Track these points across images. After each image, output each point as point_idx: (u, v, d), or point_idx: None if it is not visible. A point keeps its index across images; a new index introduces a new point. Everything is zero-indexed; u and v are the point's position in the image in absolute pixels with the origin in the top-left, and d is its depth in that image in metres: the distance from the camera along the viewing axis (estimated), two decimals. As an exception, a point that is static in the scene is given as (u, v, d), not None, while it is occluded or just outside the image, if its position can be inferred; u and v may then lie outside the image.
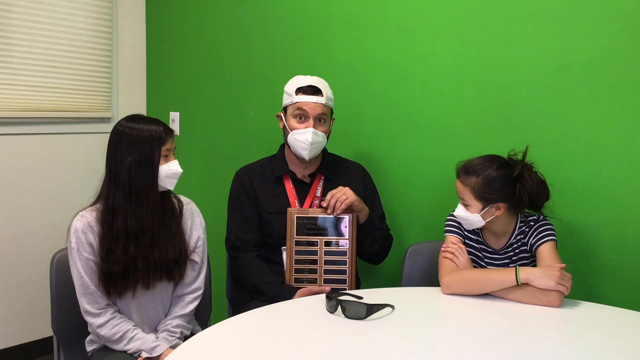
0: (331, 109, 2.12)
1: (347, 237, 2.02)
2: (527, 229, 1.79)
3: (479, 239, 1.86)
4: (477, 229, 1.86)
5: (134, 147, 1.74)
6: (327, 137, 2.11)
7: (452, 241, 1.83)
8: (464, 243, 1.85)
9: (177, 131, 3.24)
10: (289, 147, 2.11)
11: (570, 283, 1.63)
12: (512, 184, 1.72)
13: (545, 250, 1.73)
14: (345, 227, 2.02)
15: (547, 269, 1.64)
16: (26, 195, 3.00)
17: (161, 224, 1.79)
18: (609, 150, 1.87)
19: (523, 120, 2.04)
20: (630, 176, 1.84)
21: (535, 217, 1.79)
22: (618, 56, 1.84)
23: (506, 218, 1.79)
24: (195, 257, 1.88)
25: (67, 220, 1.77)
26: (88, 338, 1.85)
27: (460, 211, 1.78)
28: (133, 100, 3.37)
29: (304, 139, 2.03)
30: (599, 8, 1.86)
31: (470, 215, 1.76)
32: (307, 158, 2.06)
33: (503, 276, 1.67)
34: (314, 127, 2.03)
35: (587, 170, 1.92)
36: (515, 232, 1.81)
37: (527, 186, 1.72)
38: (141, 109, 3.41)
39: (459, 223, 1.86)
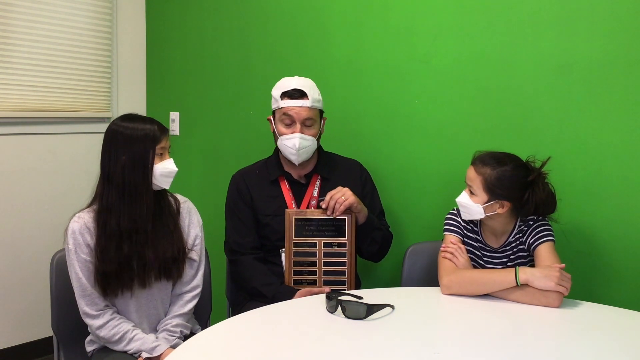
0: (320, 110, 2.10)
1: (346, 238, 2.02)
2: (525, 228, 1.79)
3: (478, 237, 1.86)
4: (477, 227, 1.86)
5: (128, 146, 1.73)
6: (319, 138, 2.11)
7: (452, 241, 1.82)
8: (463, 242, 1.85)
9: (177, 131, 3.24)
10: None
11: (569, 283, 1.63)
12: (523, 187, 1.72)
13: (544, 251, 1.72)
14: (344, 228, 2.02)
15: (547, 270, 1.64)
16: (26, 195, 3.00)
17: (158, 222, 1.79)
18: (609, 150, 1.88)
19: (523, 120, 2.04)
20: (630, 176, 1.84)
21: (534, 217, 1.79)
22: (618, 56, 1.84)
23: (506, 218, 1.79)
24: (194, 255, 1.88)
25: (67, 221, 1.77)
26: (88, 338, 1.85)
27: (463, 198, 1.78)
28: (133, 100, 3.37)
29: (292, 145, 2.02)
30: (599, 8, 1.86)
31: (472, 204, 1.75)
32: (296, 163, 2.07)
33: (503, 277, 1.67)
34: (301, 131, 2.02)
35: (587, 170, 1.92)
36: (515, 232, 1.81)
37: (537, 194, 1.71)
38: (141, 109, 3.41)
39: (459, 222, 1.86)
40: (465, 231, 1.86)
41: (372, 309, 1.54)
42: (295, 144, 2.02)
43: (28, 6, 2.89)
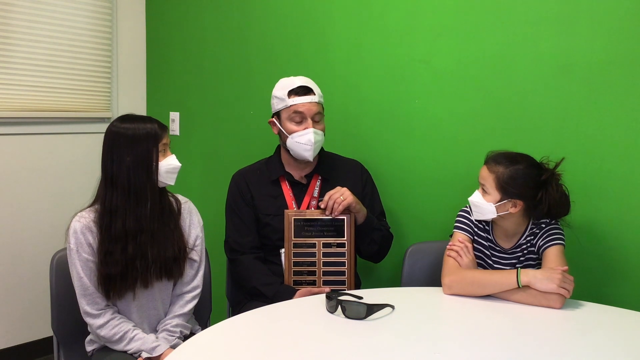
0: (323, 106, 2.12)
1: (345, 238, 2.02)
2: (537, 231, 1.78)
3: (489, 236, 1.85)
4: (488, 226, 1.85)
5: (131, 147, 1.73)
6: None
7: (460, 239, 1.82)
8: (473, 240, 1.84)
9: (177, 131, 3.24)
10: (286, 150, 2.11)
11: (572, 286, 1.63)
12: (536, 186, 1.71)
13: (552, 254, 1.72)
14: (344, 228, 2.02)
15: (549, 272, 1.63)
16: (26, 195, 3.00)
17: (160, 222, 1.79)
18: (609, 150, 1.87)
19: (523, 120, 2.04)
20: (630, 176, 1.84)
21: (547, 220, 1.78)
22: (618, 56, 1.84)
23: (519, 218, 1.78)
24: (194, 255, 1.89)
25: (67, 220, 1.77)
26: (88, 338, 1.85)
27: (476, 197, 1.77)
28: (133, 100, 3.37)
29: (307, 140, 2.02)
30: (599, 8, 1.86)
31: (485, 203, 1.75)
32: (310, 159, 2.06)
33: (504, 278, 1.67)
34: (313, 126, 2.03)
35: (588, 169, 1.92)
36: (526, 234, 1.80)
37: (550, 194, 1.70)
38: (141, 109, 3.41)
39: (470, 220, 1.85)
40: (476, 229, 1.85)
41: (372, 309, 1.54)
42: (310, 139, 2.01)
43: (28, 6, 2.89)
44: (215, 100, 3.06)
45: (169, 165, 1.78)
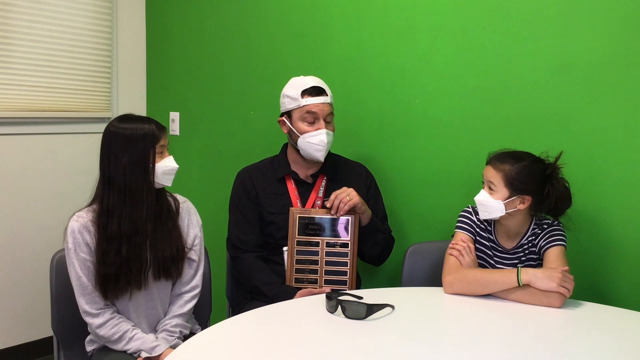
0: (333, 107, 2.12)
1: (348, 238, 2.02)
2: (539, 231, 1.79)
3: (491, 237, 1.85)
4: (490, 227, 1.85)
5: (128, 148, 1.73)
6: None
7: (462, 239, 1.82)
8: (475, 240, 1.84)
9: (177, 131, 3.24)
10: (295, 149, 2.10)
11: (572, 285, 1.63)
12: (543, 180, 1.73)
13: (553, 254, 1.72)
14: (347, 228, 2.02)
15: (549, 271, 1.64)
16: (26, 195, 3.00)
17: (157, 222, 1.79)
18: (609, 150, 1.87)
19: (523, 120, 2.04)
20: (631, 175, 1.84)
21: (549, 222, 1.79)
22: (618, 56, 1.84)
23: (524, 217, 1.78)
24: (193, 255, 1.88)
25: (67, 221, 1.77)
26: (88, 338, 1.85)
27: (483, 196, 1.77)
28: (133, 100, 3.37)
29: (319, 141, 2.02)
30: (599, 8, 1.86)
31: (493, 201, 1.74)
32: (322, 159, 2.06)
33: (505, 277, 1.67)
34: (325, 127, 2.03)
35: (587, 170, 1.91)
36: (528, 234, 1.80)
37: (556, 188, 1.72)
38: (141, 109, 3.41)
39: (473, 220, 1.86)
40: (478, 229, 1.85)
41: (372, 309, 1.54)
42: (323, 140, 2.02)
43: (28, 6, 2.89)
44: (215, 100, 3.06)
45: (166, 166, 1.78)
